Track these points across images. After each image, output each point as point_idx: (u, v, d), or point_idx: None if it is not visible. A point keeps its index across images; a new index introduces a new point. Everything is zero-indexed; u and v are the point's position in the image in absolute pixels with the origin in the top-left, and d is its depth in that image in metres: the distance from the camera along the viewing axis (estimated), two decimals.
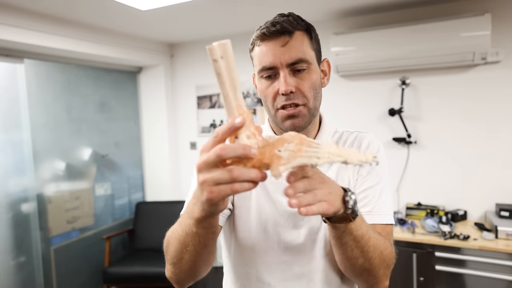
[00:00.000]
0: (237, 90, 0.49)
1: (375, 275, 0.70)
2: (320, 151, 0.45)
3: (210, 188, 0.47)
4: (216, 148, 0.45)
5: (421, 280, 2.11)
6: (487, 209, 2.36)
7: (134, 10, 2.28)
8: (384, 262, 0.70)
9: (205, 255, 0.65)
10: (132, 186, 3.45)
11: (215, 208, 0.51)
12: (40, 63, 2.64)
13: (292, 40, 0.73)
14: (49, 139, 2.72)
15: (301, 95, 0.75)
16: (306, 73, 0.75)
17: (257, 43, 0.76)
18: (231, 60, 0.47)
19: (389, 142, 2.61)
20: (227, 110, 0.49)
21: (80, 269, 2.92)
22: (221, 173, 0.45)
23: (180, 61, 3.42)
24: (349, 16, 2.64)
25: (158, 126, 3.44)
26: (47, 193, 2.70)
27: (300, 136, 0.48)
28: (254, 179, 0.45)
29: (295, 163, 0.45)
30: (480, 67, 2.34)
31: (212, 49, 0.47)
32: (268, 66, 0.74)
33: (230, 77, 0.48)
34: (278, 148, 0.46)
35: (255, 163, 0.46)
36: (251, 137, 0.48)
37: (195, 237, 0.59)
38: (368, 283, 0.73)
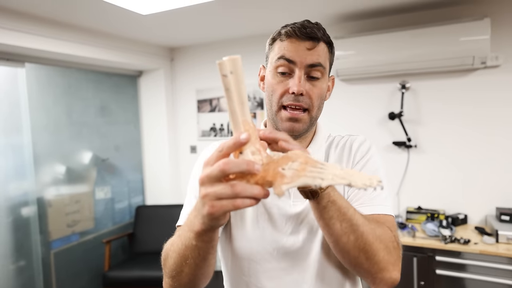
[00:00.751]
0: (244, 105, 0.49)
1: (374, 258, 0.64)
2: (324, 172, 0.45)
3: (212, 203, 0.47)
4: (220, 163, 0.45)
5: (421, 284, 2.11)
6: (487, 213, 2.35)
7: (135, 14, 2.29)
8: (381, 242, 0.65)
9: (205, 268, 0.65)
10: (132, 189, 3.45)
11: (216, 222, 0.51)
12: (41, 67, 2.65)
13: (318, 46, 0.76)
14: (49, 142, 2.72)
15: (309, 100, 0.76)
16: (319, 82, 0.77)
17: (281, 38, 0.77)
18: (241, 76, 0.47)
19: (389, 146, 2.61)
20: (233, 125, 0.49)
21: (80, 273, 2.91)
22: (224, 188, 0.45)
23: (180, 65, 3.43)
24: (349, 21, 2.66)
25: (158, 130, 3.45)
26: (47, 197, 2.70)
27: (306, 156, 0.48)
28: (257, 196, 0.45)
29: (299, 182, 0.44)
30: (479, 71, 2.35)
31: (222, 64, 0.47)
32: (288, 58, 0.75)
33: (238, 92, 0.48)
34: (282, 166, 0.46)
35: (259, 179, 0.46)
36: (256, 153, 0.48)
37: (194, 250, 0.59)
38: (371, 271, 0.66)
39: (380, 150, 2.65)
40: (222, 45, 3.19)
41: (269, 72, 0.79)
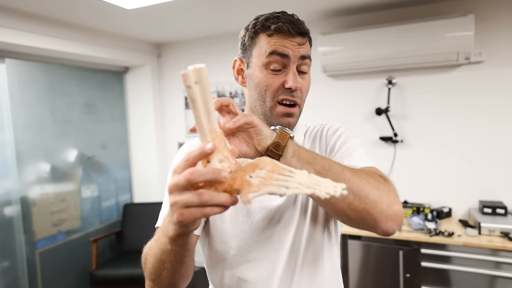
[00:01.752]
0: (211, 114, 0.49)
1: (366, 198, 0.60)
2: (290, 180, 0.45)
3: (180, 211, 0.47)
4: (186, 172, 0.46)
5: (407, 277, 2.14)
6: (471, 206, 2.41)
7: (119, 9, 2.25)
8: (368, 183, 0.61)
9: (183, 270, 0.66)
10: (119, 187, 3.41)
11: (187, 229, 0.52)
12: (22, 63, 2.58)
13: (306, 42, 0.78)
14: (33, 140, 2.66)
15: (301, 94, 0.78)
16: (307, 75, 0.80)
17: (269, 33, 0.76)
18: (206, 85, 0.47)
19: (376, 141, 2.64)
20: (200, 134, 0.49)
21: (66, 273, 2.87)
22: (191, 196, 0.46)
23: (168, 61, 3.39)
24: (336, 16, 2.66)
25: (145, 127, 3.41)
26: (31, 196, 2.64)
27: (273, 163, 0.48)
28: (224, 203, 0.46)
29: (265, 191, 0.45)
30: (464, 67, 2.38)
31: (186, 75, 0.46)
32: (281, 52, 0.74)
33: (204, 102, 0.48)
34: (249, 173, 0.47)
35: (226, 187, 0.46)
36: (224, 161, 0.48)
37: (170, 254, 0.60)
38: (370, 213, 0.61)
39: (367, 145, 2.67)
40: (209, 40, 3.16)
41: (258, 68, 0.77)
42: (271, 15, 0.77)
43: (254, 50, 0.78)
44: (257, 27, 0.77)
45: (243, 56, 0.82)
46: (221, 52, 3.11)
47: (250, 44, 0.79)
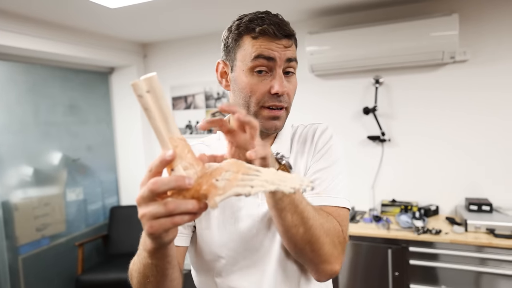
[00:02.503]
0: (168, 121, 0.48)
1: (319, 251, 0.67)
2: (255, 179, 0.45)
3: (149, 223, 0.46)
4: (149, 184, 0.45)
5: (396, 275, 2.15)
6: (457, 203, 2.43)
7: (103, 8, 2.20)
8: (327, 236, 0.67)
9: (168, 283, 0.64)
10: (105, 190, 3.34)
11: (161, 241, 0.50)
12: (1, 63, 2.50)
13: (293, 45, 0.76)
14: (13, 143, 2.58)
15: (288, 98, 0.76)
16: (293, 78, 0.78)
17: (253, 35, 0.73)
18: (159, 93, 0.46)
19: (364, 140, 2.65)
20: (160, 143, 0.48)
21: (51, 278, 2.80)
22: (157, 207, 0.45)
23: (154, 62, 3.34)
24: (323, 16, 2.66)
25: (132, 128, 3.35)
26: (13, 200, 2.57)
27: (238, 164, 0.48)
28: (191, 210, 0.45)
29: (231, 192, 0.44)
30: (449, 66, 2.41)
31: (136, 85, 0.46)
32: (267, 55, 0.72)
33: (159, 110, 0.47)
34: (216, 177, 0.46)
35: (193, 193, 0.45)
36: (189, 168, 0.47)
37: (152, 268, 0.59)
38: (314, 262, 0.69)
39: (355, 144, 2.68)
40: (196, 40, 3.12)
41: (243, 72, 0.74)
42: (255, 15, 0.74)
43: (239, 53, 0.75)
44: (241, 29, 0.74)
45: (227, 59, 0.79)
46: (207, 52, 3.07)
47: (234, 47, 0.76)
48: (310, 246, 0.67)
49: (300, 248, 0.68)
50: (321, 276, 0.72)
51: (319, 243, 0.67)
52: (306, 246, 0.67)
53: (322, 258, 0.68)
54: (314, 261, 0.69)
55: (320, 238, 0.67)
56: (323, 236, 0.67)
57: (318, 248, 0.67)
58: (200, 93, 3.15)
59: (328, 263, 0.69)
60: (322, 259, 0.69)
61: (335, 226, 0.71)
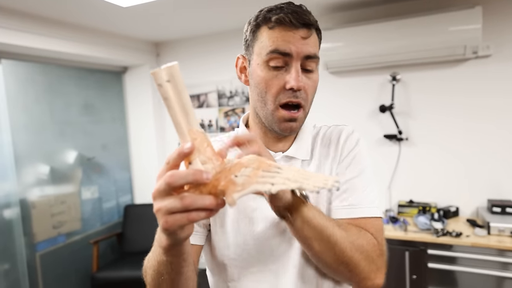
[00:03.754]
0: (188, 113, 0.46)
1: (355, 270, 0.64)
2: (276, 177, 0.43)
3: (164, 218, 0.44)
4: (165, 176, 0.43)
5: (413, 278, 2.08)
6: (479, 205, 2.34)
7: (115, 6, 2.20)
8: (361, 253, 0.64)
9: (182, 282, 0.62)
10: (120, 188, 3.38)
11: (176, 237, 0.48)
12: (19, 64, 2.55)
13: (312, 35, 0.70)
14: (31, 142, 2.63)
15: (305, 95, 0.71)
16: (313, 74, 0.72)
17: (270, 25, 0.69)
18: (180, 83, 0.45)
19: (380, 139, 2.57)
20: (179, 136, 0.47)
21: (67, 275, 2.85)
22: (173, 201, 0.43)
23: (166, 60, 3.34)
24: (336, 11, 2.59)
25: (145, 127, 3.37)
26: (30, 198, 2.62)
27: (259, 160, 0.46)
28: (208, 206, 0.43)
29: (250, 189, 0.41)
30: (471, 61, 2.31)
31: (156, 74, 0.44)
32: (282, 50, 0.67)
33: (179, 101, 0.45)
34: (235, 173, 0.43)
35: (211, 189, 0.43)
36: (207, 162, 0.45)
37: (167, 265, 0.57)
38: (354, 280, 0.67)
39: (371, 143, 2.61)
40: (208, 39, 3.11)
41: (258, 66, 0.71)
42: (276, 6, 0.71)
43: (256, 46, 0.72)
44: (259, 20, 0.71)
45: (246, 53, 0.76)
46: (220, 50, 3.05)
47: (252, 39, 0.73)
48: (346, 266, 0.64)
49: (335, 270, 0.66)
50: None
51: (353, 263, 0.64)
52: (340, 267, 0.65)
53: (361, 276, 0.66)
54: (353, 279, 0.67)
55: (353, 257, 0.64)
56: (356, 254, 0.64)
57: (353, 267, 0.64)
58: (212, 91, 3.13)
59: (368, 279, 0.67)
60: (361, 277, 0.66)
61: (369, 240, 0.67)
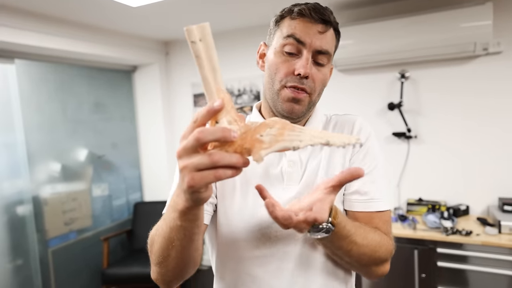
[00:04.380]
0: (217, 73, 0.47)
1: (372, 266, 0.74)
2: (302, 135, 0.44)
3: (191, 174, 0.44)
4: (195, 132, 0.44)
5: (422, 277, 2.07)
6: (489, 203, 2.31)
7: (125, 7, 2.23)
8: (379, 252, 0.72)
9: (192, 251, 0.62)
10: (129, 186, 3.42)
11: (198, 196, 0.48)
12: (32, 63, 2.60)
13: (329, 32, 0.74)
14: (43, 140, 2.68)
15: (313, 84, 0.75)
16: (324, 68, 0.76)
17: (292, 16, 0.74)
18: (210, 43, 0.47)
19: (389, 137, 2.56)
20: (206, 93, 0.48)
21: (79, 271, 2.90)
22: (201, 158, 0.44)
23: (176, 59, 3.37)
24: (345, 9, 2.58)
25: (154, 125, 3.40)
26: (43, 195, 2.67)
27: (283, 121, 0.47)
28: (236, 164, 0.44)
29: (277, 147, 0.43)
30: (481, 58, 2.28)
31: (190, 31, 0.46)
32: (298, 37, 0.72)
33: (209, 59, 0.47)
34: (260, 133, 0.45)
35: (237, 148, 0.44)
36: (233, 123, 0.46)
37: (180, 231, 0.57)
38: (368, 272, 0.76)
39: (380, 141, 2.60)
40: (217, 37, 3.10)
41: (274, 50, 0.76)
42: (302, 3, 0.77)
43: (277, 34, 0.77)
44: (284, 12, 0.77)
45: (268, 41, 0.82)
46: (229, 49, 3.07)
47: (274, 27, 0.78)
48: (365, 266, 0.74)
49: (355, 267, 0.76)
50: (374, 278, 0.78)
51: (372, 261, 0.72)
52: (363, 269, 0.75)
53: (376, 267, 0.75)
54: (368, 272, 0.76)
55: (372, 256, 0.72)
56: (375, 254, 0.72)
57: (373, 264, 0.73)
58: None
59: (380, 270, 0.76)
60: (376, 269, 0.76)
61: (384, 240, 0.74)
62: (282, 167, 0.78)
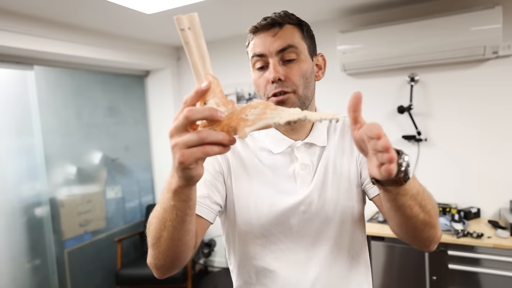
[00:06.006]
0: (205, 59, 0.52)
1: (435, 226, 0.70)
2: (282, 113, 0.48)
3: (181, 151, 0.48)
4: (184, 111, 0.47)
5: (434, 279, 2.08)
6: (501, 206, 2.31)
7: (140, 14, 2.30)
8: (437, 211, 0.71)
9: (183, 233, 0.64)
10: (142, 189, 3.49)
11: (188, 173, 0.51)
12: (50, 69, 2.69)
13: (281, 31, 0.79)
14: (60, 144, 2.77)
15: (290, 82, 0.78)
16: (296, 63, 0.79)
17: (250, 37, 0.82)
18: (199, 31, 0.50)
19: (399, 140, 2.58)
20: (196, 78, 0.52)
21: (93, 271, 2.96)
22: (190, 135, 0.47)
23: (187, 64, 3.43)
24: (354, 14, 2.62)
25: (166, 129, 3.44)
26: (59, 197, 2.75)
27: (266, 103, 0.52)
28: (222, 141, 0.47)
29: (260, 124, 0.47)
30: (491, 61, 2.29)
31: (180, 19, 0.50)
32: (257, 53, 0.79)
33: (198, 46, 0.51)
34: (245, 113, 0.49)
35: (224, 127, 0.48)
36: (220, 105, 0.50)
37: (172, 211, 0.59)
38: (429, 237, 0.71)
39: None
40: (228, 42, 3.18)
41: (252, 72, 0.84)
42: None
43: (249, 57, 0.84)
44: (248, 35, 0.84)
45: None
46: (239, 53, 3.12)
47: (248, 53, 0.85)
48: (429, 225, 0.69)
49: (420, 230, 0.69)
50: (434, 245, 0.75)
51: (434, 219, 0.69)
52: (426, 227, 0.69)
53: (435, 229, 0.71)
54: (430, 235, 0.71)
55: (435, 215, 0.70)
56: (435, 211, 0.70)
57: (434, 223, 0.70)
58: (232, 94, 3.20)
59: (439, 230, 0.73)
60: (435, 230, 0.71)
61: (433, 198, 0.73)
62: (294, 169, 0.83)
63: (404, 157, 0.58)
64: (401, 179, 0.58)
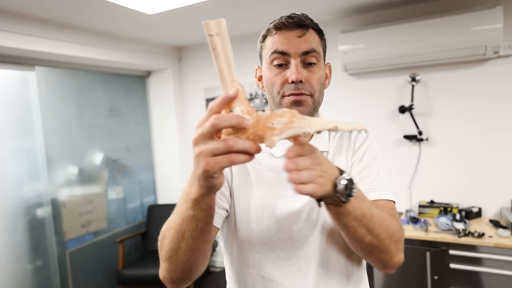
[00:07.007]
0: (231, 66, 0.51)
1: (387, 250, 0.68)
2: (311, 122, 0.48)
3: (206, 159, 0.47)
4: (211, 118, 0.46)
5: (435, 279, 2.08)
6: (502, 205, 2.31)
7: (141, 14, 2.30)
8: (393, 236, 0.69)
9: (202, 244, 0.63)
10: (143, 189, 3.49)
11: (211, 182, 0.50)
12: (51, 70, 2.69)
13: (308, 33, 0.78)
14: (61, 144, 2.77)
15: (309, 86, 0.78)
16: (316, 67, 0.79)
17: (271, 33, 0.79)
18: (226, 37, 0.50)
19: (400, 139, 2.58)
20: (222, 84, 0.51)
21: (95, 272, 2.97)
22: (217, 143, 0.46)
23: (188, 64, 3.44)
24: (356, 14, 2.62)
25: (167, 130, 3.47)
26: (61, 198, 2.75)
27: (291, 111, 0.51)
28: (249, 149, 0.46)
29: (288, 133, 0.46)
30: (492, 61, 2.29)
31: (208, 25, 0.49)
32: (280, 50, 0.77)
33: (224, 52, 0.50)
34: (271, 122, 0.48)
35: (249, 135, 0.47)
36: (245, 113, 0.50)
37: (192, 221, 0.58)
38: (382, 261, 0.70)
39: (391, 144, 2.62)
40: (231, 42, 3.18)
41: (266, 68, 0.81)
42: (280, 17, 0.80)
43: (263, 53, 0.83)
44: (264, 32, 0.82)
45: (260, 63, 0.87)
46: (241, 53, 3.11)
47: (261, 49, 0.84)
48: (378, 249, 0.68)
49: (369, 252, 0.69)
50: (390, 269, 0.73)
51: (386, 245, 0.68)
52: (375, 251, 0.68)
53: (389, 255, 0.70)
54: (382, 260, 0.70)
55: (387, 240, 0.68)
56: (388, 238, 0.68)
57: (385, 249, 0.68)
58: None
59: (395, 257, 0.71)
60: (390, 256, 0.70)
61: (396, 224, 0.71)
62: None
63: (341, 179, 0.58)
64: (338, 200, 0.58)
